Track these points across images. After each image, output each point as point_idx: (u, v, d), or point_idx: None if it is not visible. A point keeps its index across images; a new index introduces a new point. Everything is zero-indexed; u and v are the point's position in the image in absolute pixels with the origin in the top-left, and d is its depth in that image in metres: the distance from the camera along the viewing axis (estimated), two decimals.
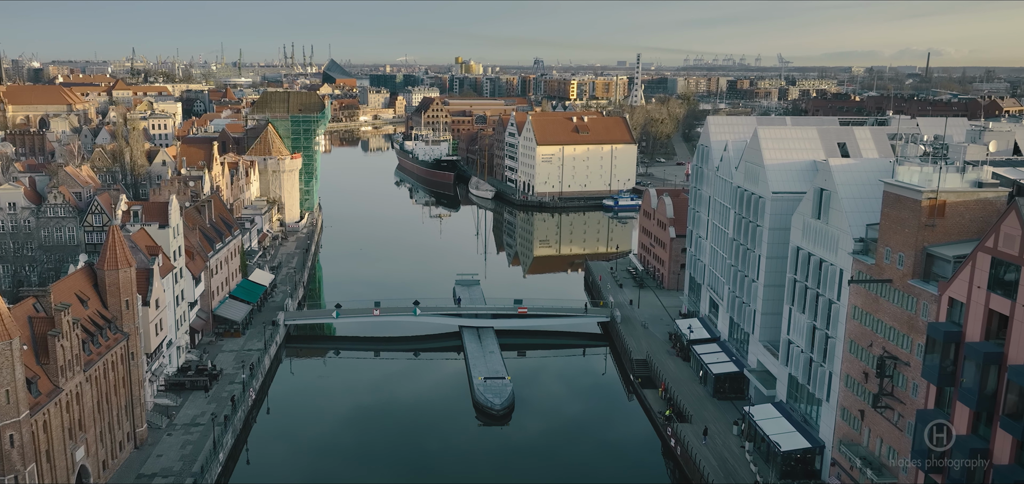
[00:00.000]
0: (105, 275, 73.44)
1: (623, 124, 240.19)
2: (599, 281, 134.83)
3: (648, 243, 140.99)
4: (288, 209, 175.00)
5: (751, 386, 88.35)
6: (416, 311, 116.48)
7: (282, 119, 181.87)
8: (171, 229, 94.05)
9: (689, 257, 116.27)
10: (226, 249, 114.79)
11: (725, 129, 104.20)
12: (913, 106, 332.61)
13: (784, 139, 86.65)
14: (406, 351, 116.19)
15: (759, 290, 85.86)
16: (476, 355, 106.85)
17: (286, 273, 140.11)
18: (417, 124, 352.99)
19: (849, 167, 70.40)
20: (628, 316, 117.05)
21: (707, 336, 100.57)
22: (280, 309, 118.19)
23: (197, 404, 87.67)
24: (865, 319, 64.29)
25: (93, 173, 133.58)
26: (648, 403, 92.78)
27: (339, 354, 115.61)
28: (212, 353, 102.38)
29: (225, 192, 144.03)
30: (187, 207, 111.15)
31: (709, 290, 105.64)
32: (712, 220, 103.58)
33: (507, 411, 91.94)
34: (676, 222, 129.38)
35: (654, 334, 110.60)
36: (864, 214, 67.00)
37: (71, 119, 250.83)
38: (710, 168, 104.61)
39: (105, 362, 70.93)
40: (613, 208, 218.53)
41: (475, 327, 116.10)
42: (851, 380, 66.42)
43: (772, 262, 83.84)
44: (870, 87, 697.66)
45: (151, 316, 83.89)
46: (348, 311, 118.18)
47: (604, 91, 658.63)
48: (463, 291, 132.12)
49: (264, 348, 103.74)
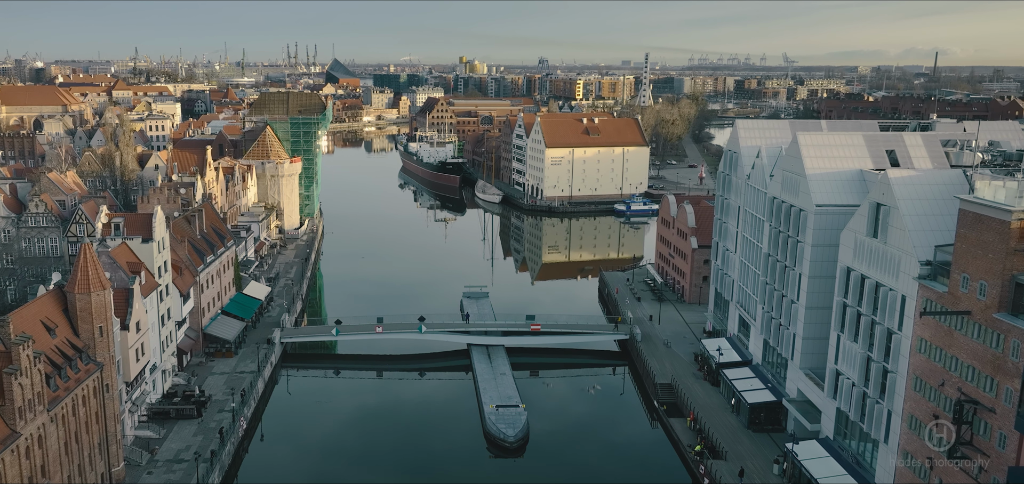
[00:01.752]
0: (76, 299, 65.82)
1: (635, 125, 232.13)
2: (616, 294, 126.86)
3: (667, 253, 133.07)
4: (287, 215, 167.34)
5: (790, 417, 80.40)
6: (421, 328, 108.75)
7: (281, 121, 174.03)
8: (156, 243, 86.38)
9: (714, 271, 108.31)
10: (218, 262, 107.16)
11: (756, 133, 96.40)
12: (929, 107, 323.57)
13: (827, 146, 78.77)
14: (411, 370, 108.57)
15: (800, 312, 77.93)
16: (486, 377, 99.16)
17: (284, 284, 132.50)
18: (422, 125, 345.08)
19: (912, 180, 62.41)
20: (648, 333, 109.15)
21: (738, 359, 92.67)
22: (276, 325, 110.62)
23: (183, 435, 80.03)
24: (935, 354, 56.36)
25: (79, 179, 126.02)
26: (675, 434, 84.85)
27: (339, 374, 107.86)
28: (202, 376, 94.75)
29: (219, 199, 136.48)
30: (176, 217, 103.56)
31: (738, 308, 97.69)
32: (742, 232, 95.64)
33: (521, 443, 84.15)
34: (698, 232, 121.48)
35: (678, 354, 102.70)
36: (932, 234, 59.08)
37: (66, 120, 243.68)
38: (739, 176, 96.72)
39: (74, 397, 63.28)
40: (625, 213, 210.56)
41: (485, 345, 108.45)
42: (916, 422, 58.48)
43: (816, 282, 75.92)
44: (879, 87, 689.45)
45: (130, 341, 76.24)
46: (349, 327, 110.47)
47: (611, 91, 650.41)
48: (471, 304, 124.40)
49: (258, 370, 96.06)
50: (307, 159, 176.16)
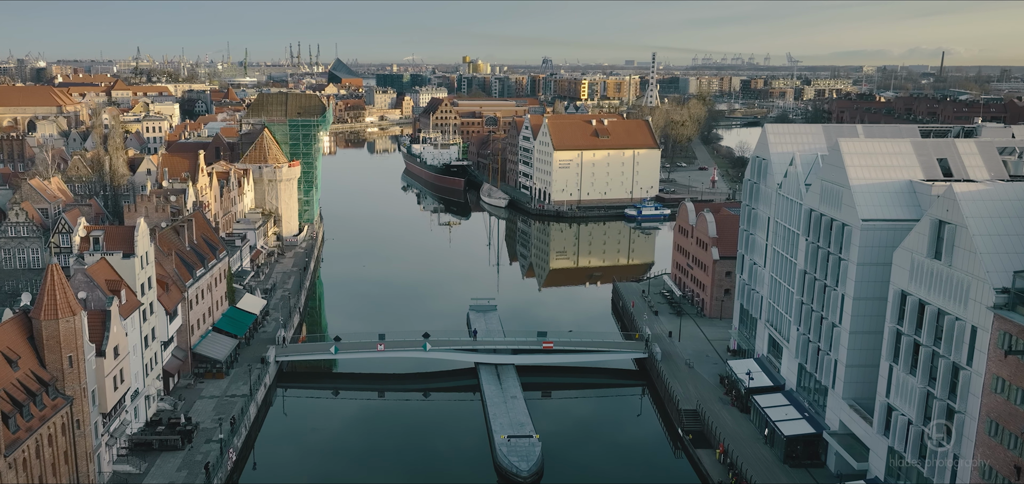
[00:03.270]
0: (42, 326, 58.99)
1: (645, 127, 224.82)
2: (632, 308, 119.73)
3: (685, 264, 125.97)
4: (285, 221, 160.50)
5: (831, 452, 73.31)
6: (426, 345, 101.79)
7: (280, 123, 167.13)
8: (138, 259, 79.50)
9: (739, 285, 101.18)
10: (209, 275, 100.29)
11: (788, 139, 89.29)
12: (944, 107, 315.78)
13: (872, 154, 71.68)
14: (415, 390, 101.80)
15: (843, 337, 70.84)
16: (496, 400, 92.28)
17: (281, 296, 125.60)
18: (425, 126, 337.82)
19: (981, 195, 55.30)
20: (668, 351, 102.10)
21: (769, 384, 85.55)
22: (271, 342, 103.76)
23: (166, 469, 73.19)
24: (1015, 395, 49.31)
25: (64, 185, 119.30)
26: (704, 468, 77.79)
27: (338, 394, 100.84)
28: (190, 400, 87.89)
29: (213, 206, 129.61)
30: (164, 228, 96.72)
31: (768, 327, 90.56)
32: (772, 245, 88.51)
33: (535, 478, 77.13)
34: (719, 242, 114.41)
35: (701, 375, 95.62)
36: (1008, 257, 52.00)
37: (60, 121, 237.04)
38: (768, 184, 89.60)
39: (39, 438, 56.49)
40: (636, 218, 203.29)
41: (494, 364, 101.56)
42: (992, 471, 51.43)
43: (862, 304, 68.86)
44: (886, 87, 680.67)
45: (108, 368, 69.40)
46: (349, 345, 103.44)
47: (616, 91, 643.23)
48: (478, 319, 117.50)
49: (250, 394, 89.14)
50: (306, 162, 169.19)
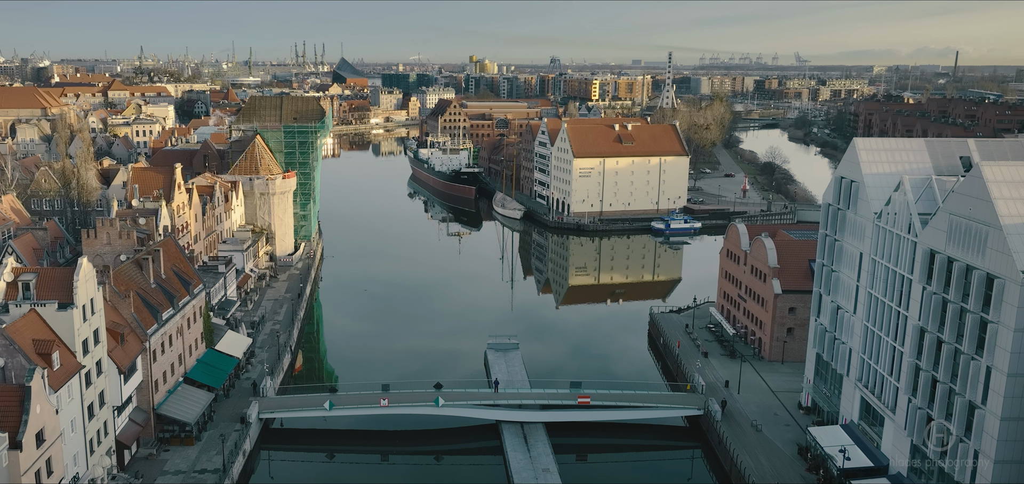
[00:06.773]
0: None
1: (672, 132, 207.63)
2: (678, 349, 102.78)
3: (735, 294, 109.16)
4: (279, 239, 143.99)
5: None
6: (438, 400, 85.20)
7: (273, 129, 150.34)
8: (78, 310, 63.07)
9: (816, 331, 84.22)
10: (180, 316, 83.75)
11: (885, 157, 72.40)
12: (987, 111, 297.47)
13: (1020, 183, 54.88)
14: (425, 453, 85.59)
15: (990, 424, 54.04)
16: (523, 469, 76.23)
17: (270, 330, 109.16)
18: (433, 129, 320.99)
19: None
20: (728, 408, 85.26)
21: (868, 464, 68.70)
22: (253, 395, 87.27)
23: None
24: None
25: (19, 204, 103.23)
26: None
27: (334, 458, 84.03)
28: (149, 476, 71.40)
29: (193, 227, 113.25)
30: (124, 262, 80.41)
31: (860, 387, 73.69)
32: (868, 289, 71.68)
33: None
34: (781, 273, 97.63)
35: (772, 441, 78.80)
36: None
37: (42, 125, 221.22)
38: (861, 212, 72.82)
39: None
40: (664, 232, 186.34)
41: (519, 423, 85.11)
42: None
43: (1019, 382, 52.05)
44: (903, 87, 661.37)
45: (26, 463, 53.03)
46: (346, 399, 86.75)
47: (627, 91, 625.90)
48: (498, 361, 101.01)
49: (223, 469, 72.61)
50: (303, 173, 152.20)
